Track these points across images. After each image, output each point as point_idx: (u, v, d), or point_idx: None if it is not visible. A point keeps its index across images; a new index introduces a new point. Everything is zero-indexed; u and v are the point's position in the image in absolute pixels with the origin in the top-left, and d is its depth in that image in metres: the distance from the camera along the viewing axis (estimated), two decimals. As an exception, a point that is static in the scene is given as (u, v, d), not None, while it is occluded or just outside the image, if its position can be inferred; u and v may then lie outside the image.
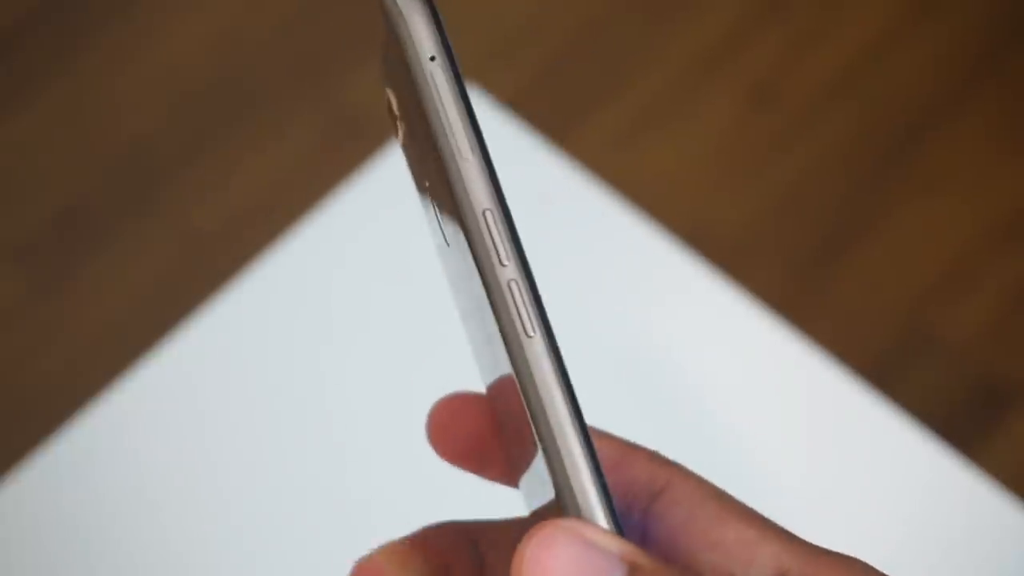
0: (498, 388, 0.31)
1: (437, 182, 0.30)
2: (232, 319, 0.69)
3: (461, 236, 0.29)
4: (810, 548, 0.31)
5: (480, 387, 0.35)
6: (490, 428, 0.34)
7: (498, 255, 0.29)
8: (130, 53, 1.35)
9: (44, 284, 1.24)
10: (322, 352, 0.68)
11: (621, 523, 0.29)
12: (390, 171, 0.73)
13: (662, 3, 1.36)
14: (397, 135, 0.33)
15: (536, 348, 0.29)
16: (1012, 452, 1.13)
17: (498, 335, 0.29)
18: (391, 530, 0.65)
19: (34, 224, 1.27)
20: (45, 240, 1.26)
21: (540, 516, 0.30)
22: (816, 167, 1.28)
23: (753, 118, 1.31)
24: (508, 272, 0.29)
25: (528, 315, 0.29)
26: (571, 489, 0.29)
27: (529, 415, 0.29)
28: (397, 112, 0.32)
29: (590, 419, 0.33)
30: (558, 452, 0.29)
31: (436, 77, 0.29)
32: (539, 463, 0.30)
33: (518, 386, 0.29)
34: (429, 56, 0.29)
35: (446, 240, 0.31)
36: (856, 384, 0.68)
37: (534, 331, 0.29)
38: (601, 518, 0.29)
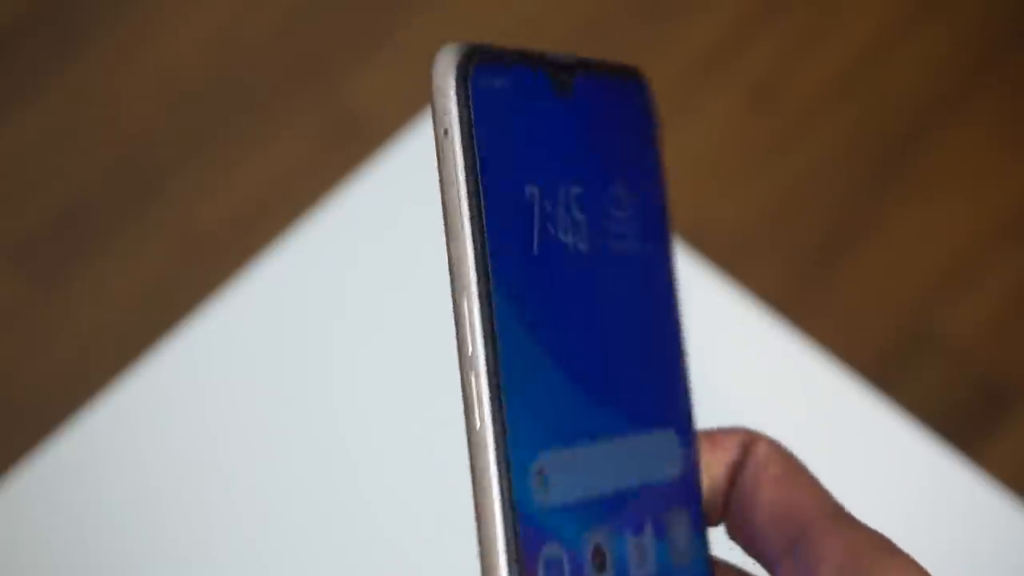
0: None
1: None
2: (232, 319, 0.69)
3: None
4: None
5: None
6: None
7: (467, 343, 0.30)
8: (130, 53, 1.35)
9: (44, 284, 1.24)
10: (322, 351, 0.68)
11: None
12: (390, 171, 0.73)
13: (661, 4, 1.36)
14: None
15: (479, 441, 0.30)
16: (1012, 452, 1.13)
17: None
18: (395, 530, 0.65)
19: (34, 224, 1.27)
20: (45, 240, 1.26)
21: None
22: (816, 167, 1.28)
23: (753, 119, 1.31)
24: (470, 362, 0.30)
25: (480, 407, 0.30)
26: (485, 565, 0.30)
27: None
28: None
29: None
30: (484, 555, 0.30)
31: (444, 149, 0.30)
32: None
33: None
34: (443, 129, 0.30)
35: None
36: (856, 384, 0.68)
37: (480, 423, 0.30)
38: None
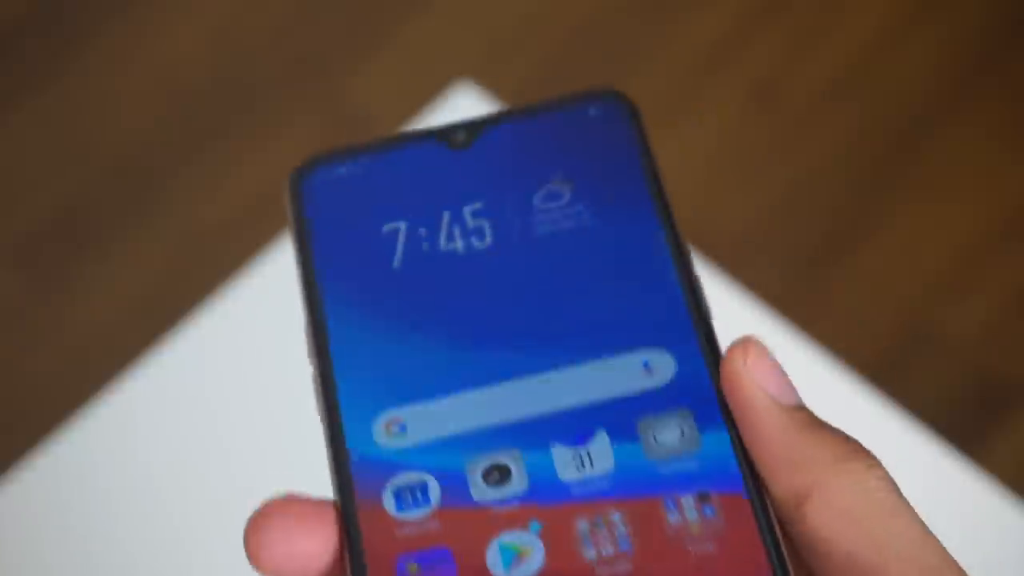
0: None
1: None
2: (231, 319, 0.69)
3: None
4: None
5: None
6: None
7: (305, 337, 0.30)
8: (130, 53, 1.34)
9: (44, 284, 1.23)
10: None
11: None
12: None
13: (662, 3, 1.36)
14: None
15: (320, 415, 0.30)
16: (1012, 452, 1.13)
17: None
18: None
19: (34, 224, 1.26)
20: (44, 240, 1.26)
21: None
22: (817, 166, 1.28)
23: (754, 118, 1.31)
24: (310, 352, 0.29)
25: (316, 389, 0.30)
26: None
27: None
28: None
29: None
30: None
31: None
32: None
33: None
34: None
35: None
36: (856, 384, 0.68)
37: (317, 401, 0.30)
38: None
